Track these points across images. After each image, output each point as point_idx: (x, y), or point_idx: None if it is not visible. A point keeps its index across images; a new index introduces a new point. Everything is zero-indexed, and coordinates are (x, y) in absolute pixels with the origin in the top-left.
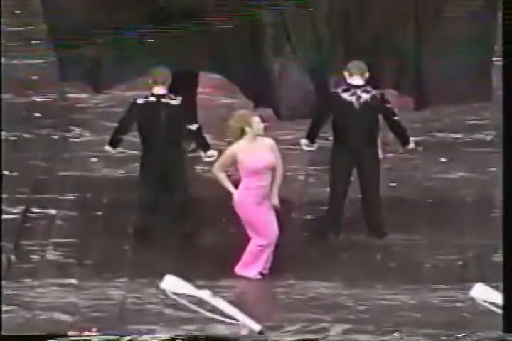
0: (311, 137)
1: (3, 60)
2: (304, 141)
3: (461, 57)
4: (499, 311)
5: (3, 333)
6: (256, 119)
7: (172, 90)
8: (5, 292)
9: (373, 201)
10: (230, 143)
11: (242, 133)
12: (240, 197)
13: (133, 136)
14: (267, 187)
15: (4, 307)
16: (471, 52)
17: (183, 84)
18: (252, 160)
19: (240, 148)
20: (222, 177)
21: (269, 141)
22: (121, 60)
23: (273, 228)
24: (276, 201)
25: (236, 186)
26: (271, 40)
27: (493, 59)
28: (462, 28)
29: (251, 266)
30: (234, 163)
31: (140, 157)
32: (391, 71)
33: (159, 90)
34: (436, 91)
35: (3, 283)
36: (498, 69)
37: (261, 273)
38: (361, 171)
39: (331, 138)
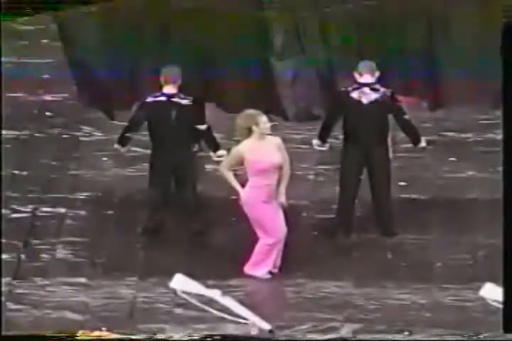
0: (323, 137)
1: (13, 58)
2: (315, 142)
3: (473, 56)
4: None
5: (8, 333)
6: (263, 119)
7: (182, 90)
8: (15, 290)
9: (384, 200)
10: (238, 142)
11: (249, 132)
12: (247, 196)
13: (143, 135)
14: (273, 186)
15: (14, 306)
16: (483, 52)
17: (193, 83)
18: (259, 160)
19: (246, 148)
20: (229, 176)
21: (276, 140)
22: (131, 84)
23: (281, 227)
24: (283, 199)
25: (243, 185)
26: (280, 42)
27: None
28: (474, 28)
29: (260, 265)
30: (241, 162)
31: (150, 156)
32: (403, 72)
33: (170, 90)
34: (450, 91)
35: (14, 282)
36: None
37: (270, 272)
38: (371, 170)
39: (341, 136)
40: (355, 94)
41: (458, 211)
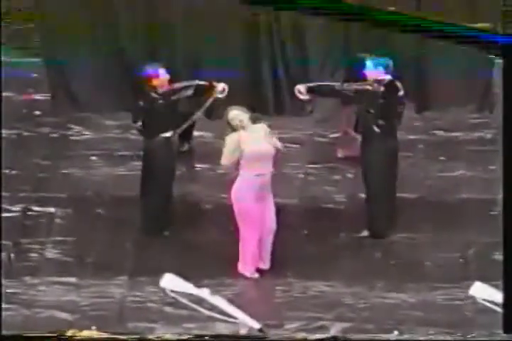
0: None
1: (3, 58)
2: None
3: (462, 57)
4: (498, 309)
5: (3, 333)
6: (244, 115)
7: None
8: (5, 290)
9: (387, 200)
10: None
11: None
12: (237, 188)
13: (133, 134)
14: (267, 178)
15: (4, 306)
16: (472, 52)
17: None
18: (253, 147)
19: (240, 136)
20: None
21: (262, 127)
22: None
23: (260, 225)
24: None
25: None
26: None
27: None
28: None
29: (245, 265)
30: (239, 149)
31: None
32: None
33: (157, 88)
34: (437, 93)
35: (3, 281)
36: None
37: (258, 270)
38: (371, 168)
39: (331, 135)
40: (376, 87)
41: (448, 210)
